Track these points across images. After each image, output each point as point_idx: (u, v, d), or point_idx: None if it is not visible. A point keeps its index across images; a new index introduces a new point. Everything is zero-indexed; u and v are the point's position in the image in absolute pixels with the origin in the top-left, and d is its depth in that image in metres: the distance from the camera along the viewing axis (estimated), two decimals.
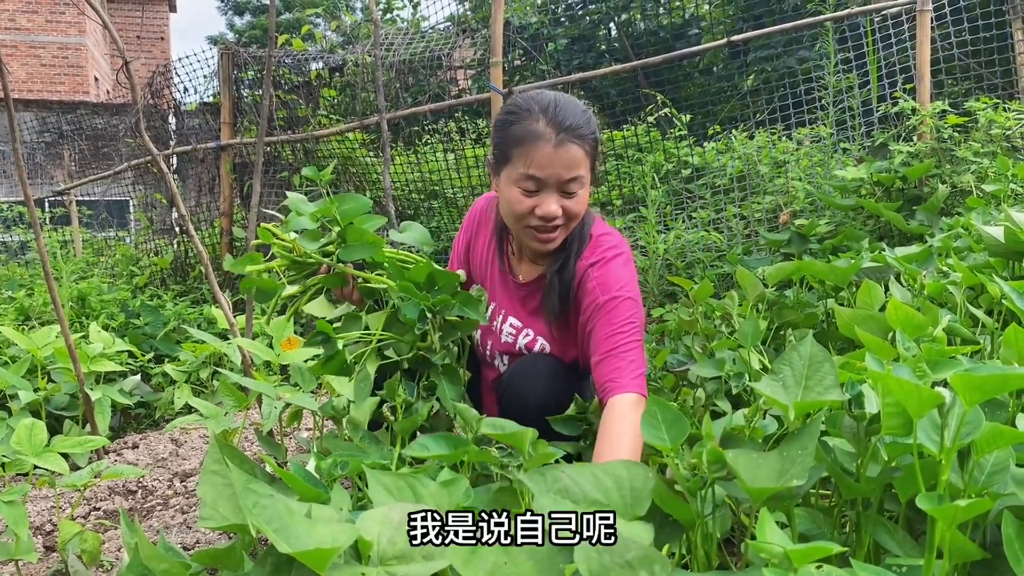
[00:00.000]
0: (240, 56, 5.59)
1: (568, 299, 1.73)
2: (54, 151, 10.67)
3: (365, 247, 1.58)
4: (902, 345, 1.30)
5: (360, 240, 1.58)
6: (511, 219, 1.69)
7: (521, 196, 1.62)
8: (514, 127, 1.63)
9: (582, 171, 1.62)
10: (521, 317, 1.83)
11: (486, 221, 1.92)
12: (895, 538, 1.05)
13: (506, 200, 1.66)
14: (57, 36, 18.93)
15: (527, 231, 1.67)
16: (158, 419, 3.53)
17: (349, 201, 1.60)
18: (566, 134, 1.58)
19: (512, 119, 1.64)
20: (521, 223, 1.66)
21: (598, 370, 1.58)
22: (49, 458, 1.79)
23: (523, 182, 1.61)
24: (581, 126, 1.61)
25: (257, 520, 0.92)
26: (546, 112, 1.60)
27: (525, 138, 1.60)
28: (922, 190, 3.30)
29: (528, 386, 1.67)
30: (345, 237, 1.59)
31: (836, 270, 2.17)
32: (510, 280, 1.86)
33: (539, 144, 1.58)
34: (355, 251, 1.58)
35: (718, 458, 0.97)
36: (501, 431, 1.28)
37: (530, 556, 0.90)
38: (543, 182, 1.60)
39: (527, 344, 1.81)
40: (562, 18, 7.90)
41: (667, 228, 4.10)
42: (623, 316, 1.64)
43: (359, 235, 1.58)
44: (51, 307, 4.59)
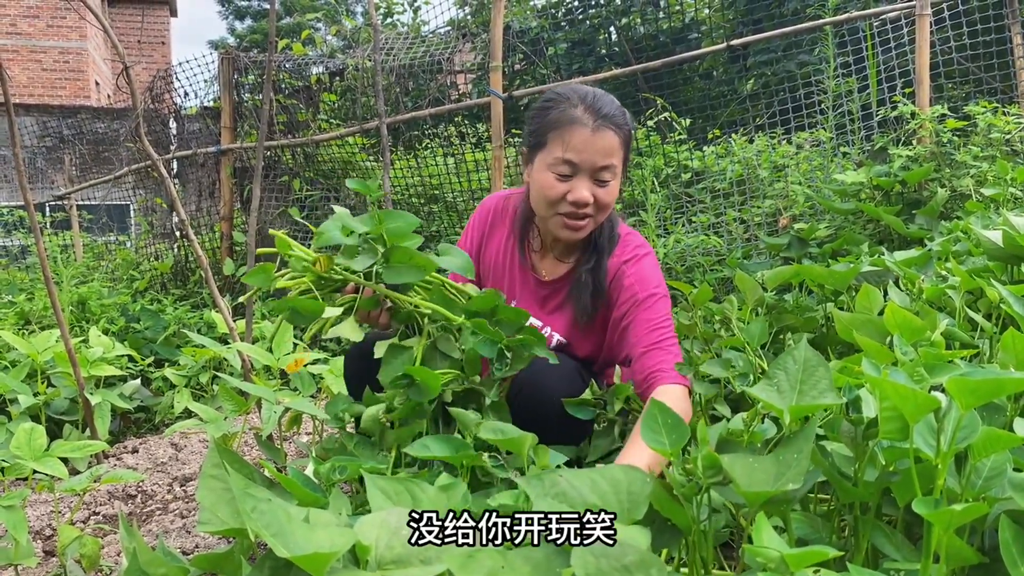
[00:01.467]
0: (241, 60, 5.60)
1: (600, 296, 1.75)
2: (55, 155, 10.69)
3: (413, 270, 1.46)
4: (900, 349, 1.30)
5: (407, 262, 1.45)
6: (542, 205, 1.70)
7: (555, 181, 1.64)
8: (552, 112, 1.66)
9: (616, 160, 1.66)
10: (540, 315, 1.83)
11: (501, 219, 1.91)
12: (893, 542, 1.05)
13: (539, 185, 1.68)
14: (58, 41, 18.97)
15: (557, 218, 1.69)
16: (158, 423, 3.53)
17: (396, 219, 1.47)
18: (604, 120, 1.62)
19: (550, 105, 1.67)
20: (553, 209, 1.67)
21: (642, 361, 1.62)
22: (49, 462, 1.80)
23: (558, 166, 1.63)
24: (617, 115, 1.65)
25: (255, 525, 0.92)
26: (584, 100, 1.64)
27: (562, 122, 1.63)
28: (921, 194, 3.31)
29: (548, 384, 1.64)
30: (390, 257, 1.46)
31: (835, 274, 2.17)
32: (531, 278, 1.85)
33: (576, 128, 1.61)
34: (401, 273, 1.46)
35: (713, 463, 0.97)
36: (501, 436, 1.28)
37: (527, 560, 0.90)
38: (578, 167, 1.63)
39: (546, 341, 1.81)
40: (562, 22, 7.91)
41: (667, 232, 4.10)
42: (663, 312, 1.72)
43: (407, 256, 1.45)
44: (51, 311, 4.59)
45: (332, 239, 1.47)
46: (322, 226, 1.48)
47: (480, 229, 1.94)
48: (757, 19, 6.46)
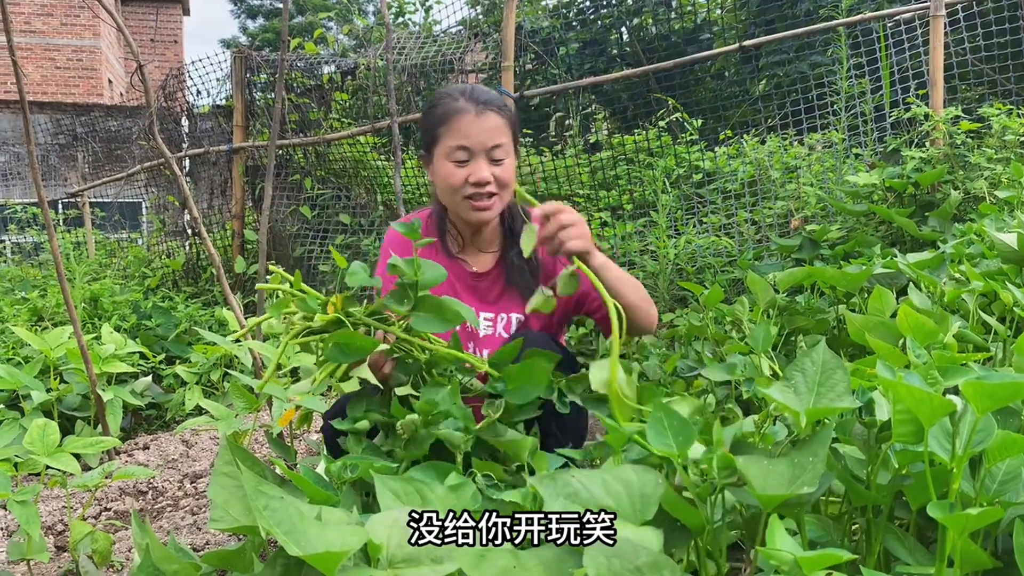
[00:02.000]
0: (253, 59, 5.62)
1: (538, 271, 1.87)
2: (68, 153, 10.75)
3: (441, 321, 1.42)
4: (913, 352, 1.30)
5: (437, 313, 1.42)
6: (448, 194, 1.82)
7: (454, 168, 1.78)
8: (437, 110, 1.82)
9: (504, 139, 1.80)
10: (488, 307, 1.91)
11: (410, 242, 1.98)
12: (905, 546, 1.05)
13: (441, 177, 1.81)
14: (72, 39, 19.06)
15: (465, 203, 1.80)
16: (169, 420, 3.55)
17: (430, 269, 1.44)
18: (484, 105, 1.79)
19: (435, 105, 1.84)
20: (458, 195, 1.80)
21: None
22: (61, 458, 1.81)
23: (454, 153, 1.78)
24: (496, 100, 1.82)
25: (267, 522, 0.93)
26: (464, 92, 1.82)
27: (449, 114, 1.79)
28: (934, 196, 3.29)
29: None
30: (419, 305, 1.43)
31: (848, 276, 2.16)
32: (466, 274, 1.92)
33: (462, 115, 1.78)
34: (428, 323, 1.42)
35: (728, 464, 0.97)
36: (501, 438, 1.28)
37: (539, 560, 0.90)
38: (471, 150, 1.77)
39: (504, 326, 1.90)
40: (574, 22, 7.90)
41: (678, 233, 4.09)
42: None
43: (437, 308, 1.43)
44: (64, 308, 4.62)
45: (362, 280, 1.44)
46: (352, 266, 1.46)
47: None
48: (770, 20, 6.43)
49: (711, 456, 1.01)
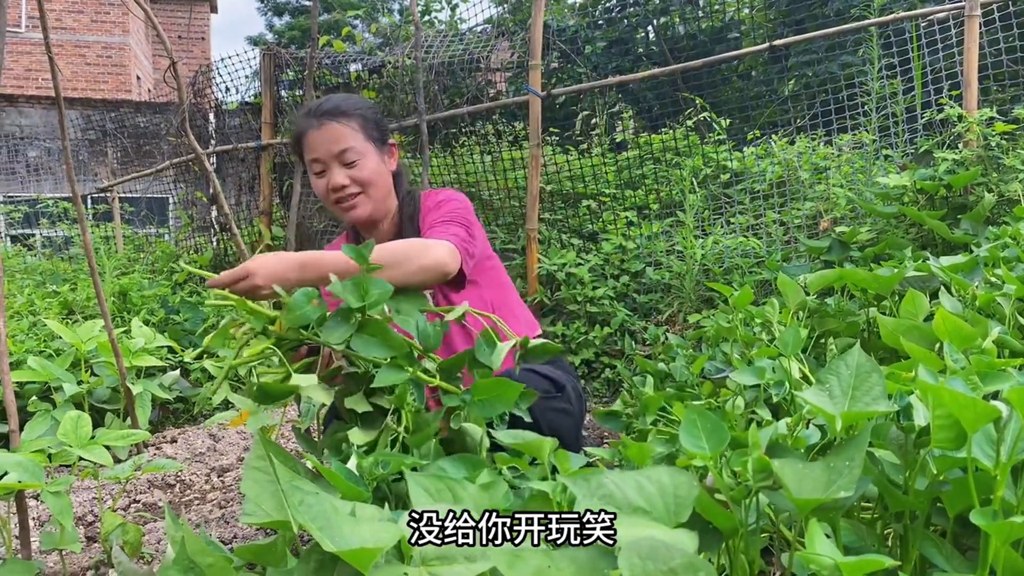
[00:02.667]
0: (282, 57, 5.65)
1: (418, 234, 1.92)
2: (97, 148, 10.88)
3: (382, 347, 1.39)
4: (950, 357, 1.28)
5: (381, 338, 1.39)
6: (325, 204, 1.95)
7: (317, 179, 1.92)
8: (295, 132, 1.95)
9: (351, 142, 1.89)
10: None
11: None
12: (943, 552, 1.03)
13: (315, 190, 1.95)
14: (102, 36, 19.31)
15: (337, 208, 1.93)
16: (196, 414, 3.58)
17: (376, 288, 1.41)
18: (324, 117, 1.88)
19: (293, 128, 1.98)
20: (328, 203, 1.94)
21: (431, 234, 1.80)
22: (94, 450, 1.83)
23: (312, 166, 1.91)
24: (340, 106, 1.91)
25: (303, 518, 0.93)
26: (310, 108, 1.93)
27: (301, 133, 1.92)
28: (967, 198, 3.24)
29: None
30: (363, 327, 1.41)
31: (880, 279, 2.14)
32: None
33: (308, 132, 1.90)
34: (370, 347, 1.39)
35: (764, 467, 0.96)
36: (520, 441, 1.28)
37: (572, 560, 0.90)
38: (322, 161, 1.89)
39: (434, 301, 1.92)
40: (600, 21, 7.88)
41: (705, 233, 4.07)
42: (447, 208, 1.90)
43: (381, 332, 1.40)
44: (93, 301, 4.68)
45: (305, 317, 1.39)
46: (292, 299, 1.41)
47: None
48: (799, 19, 6.38)
49: (746, 459, 1.01)
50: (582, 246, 4.36)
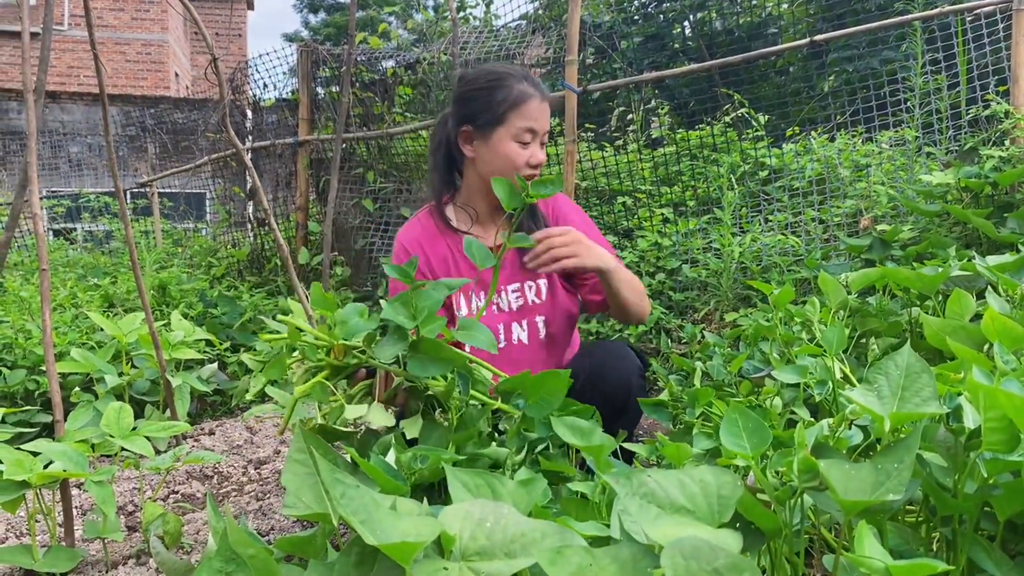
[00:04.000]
0: (318, 54, 5.69)
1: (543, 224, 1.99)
2: (137, 144, 11.06)
3: (439, 364, 1.38)
4: (1001, 357, 1.25)
5: (435, 354, 1.38)
6: (507, 173, 1.87)
7: (519, 149, 1.88)
8: (501, 91, 1.88)
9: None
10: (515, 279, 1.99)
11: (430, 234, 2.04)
12: (992, 558, 1.01)
13: (503, 155, 1.89)
14: (141, 33, 19.63)
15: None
16: (233, 407, 3.62)
17: (425, 298, 1.40)
18: (544, 93, 1.92)
19: (495, 85, 1.90)
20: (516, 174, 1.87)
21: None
22: (136, 441, 1.86)
23: (522, 135, 1.87)
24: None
25: (344, 511, 0.93)
26: (525, 77, 1.91)
27: (519, 98, 1.87)
28: (1014, 197, 3.17)
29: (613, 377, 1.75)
30: (418, 347, 1.39)
31: (924, 278, 2.10)
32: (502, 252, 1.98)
33: (531, 101, 1.88)
34: (427, 366, 1.38)
35: (810, 467, 0.94)
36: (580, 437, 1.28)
37: (614, 559, 0.89)
38: (536, 133, 1.89)
39: (535, 293, 1.98)
40: (636, 16, 7.83)
41: (742, 231, 4.03)
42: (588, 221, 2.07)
43: (435, 349, 1.38)
44: (134, 295, 4.76)
45: (355, 328, 1.39)
46: (341, 313, 1.41)
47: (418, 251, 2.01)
48: (839, 14, 6.28)
49: (790, 459, 0.99)
50: (617, 243, 4.33)
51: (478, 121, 1.90)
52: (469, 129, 1.93)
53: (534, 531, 0.96)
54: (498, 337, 1.96)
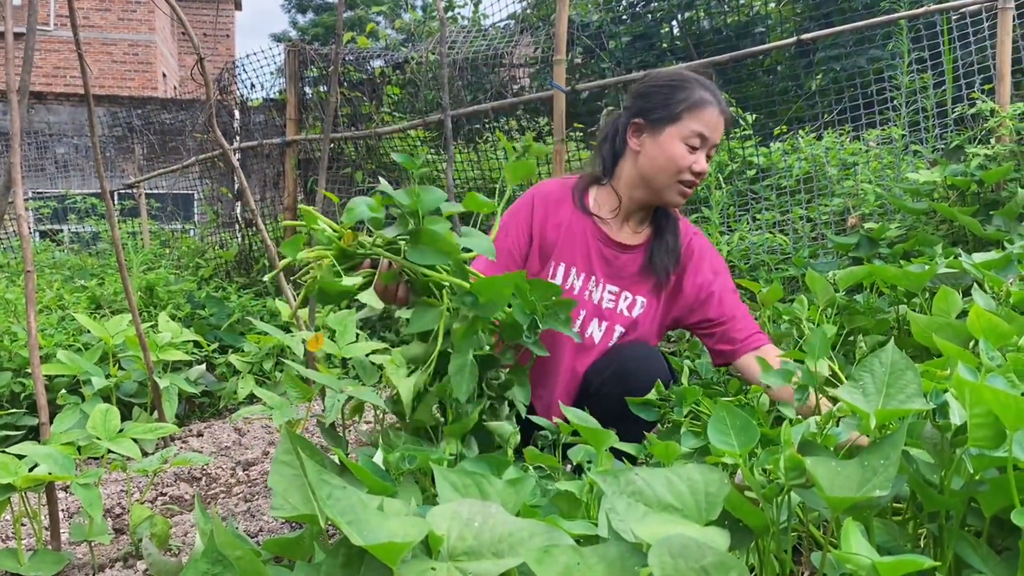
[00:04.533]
0: (306, 53, 5.68)
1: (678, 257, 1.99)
2: (124, 145, 10.99)
3: (438, 253, 1.46)
4: (986, 354, 1.26)
5: (433, 245, 1.46)
6: (667, 173, 1.89)
7: (686, 152, 1.87)
8: (682, 92, 1.88)
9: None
10: (617, 282, 1.98)
11: (562, 199, 2.03)
12: (979, 553, 1.01)
13: (668, 155, 1.88)
14: (128, 34, 19.51)
15: (677, 186, 1.90)
16: (221, 409, 3.61)
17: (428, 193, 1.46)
18: (723, 107, 1.91)
19: (678, 86, 1.90)
20: (676, 176, 1.89)
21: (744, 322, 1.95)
22: (123, 443, 1.85)
23: (692, 139, 1.86)
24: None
25: (331, 512, 0.93)
26: (707, 87, 1.90)
27: (698, 103, 1.87)
28: (999, 195, 3.19)
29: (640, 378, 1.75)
30: (418, 238, 1.47)
31: (910, 275, 2.11)
32: (602, 236, 1.99)
33: (709, 108, 1.87)
34: (425, 255, 1.46)
35: (797, 464, 0.95)
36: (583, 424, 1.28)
37: (602, 558, 0.89)
38: (707, 141, 1.88)
39: (627, 306, 1.97)
40: (624, 16, 7.84)
41: (730, 229, 4.04)
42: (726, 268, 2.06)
43: (433, 240, 1.46)
44: (121, 296, 4.73)
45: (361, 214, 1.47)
46: (352, 201, 1.49)
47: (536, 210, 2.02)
48: (827, 13, 6.30)
49: (777, 456, 0.99)
50: None
51: (652, 115, 1.91)
52: (641, 122, 1.93)
53: (522, 530, 0.96)
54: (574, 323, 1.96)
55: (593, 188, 2.05)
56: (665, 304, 2.02)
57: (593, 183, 2.05)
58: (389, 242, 1.51)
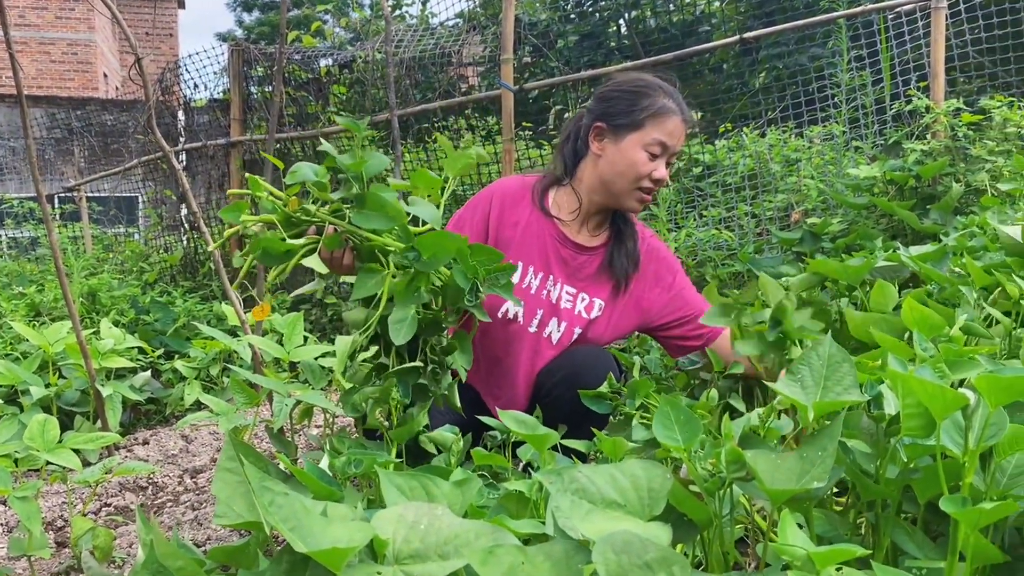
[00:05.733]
0: (250, 53, 5.59)
1: (636, 262, 2.00)
2: (64, 147, 10.71)
3: (383, 218, 1.45)
4: (919, 346, 1.29)
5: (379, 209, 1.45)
6: (627, 179, 1.90)
7: (647, 159, 1.88)
8: (647, 99, 1.89)
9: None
10: (575, 283, 1.99)
11: (521, 197, 2.04)
12: (914, 540, 1.04)
13: (629, 161, 1.89)
14: (67, 33, 19.00)
15: (636, 193, 1.91)
16: (168, 416, 3.54)
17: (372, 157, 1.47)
18: (685, 117, 1.92)
19: (643, 92, 1.90)
20: (636, 183, 1.90)
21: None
22: (62, 454, 1.80)
23: (652, 147, 1.87)
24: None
25: (273, 518, 0.92)
26: (671, 95, 1.91)
27: (661, 110, 1.88)
28: (936, 189, 3.28)
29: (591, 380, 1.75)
30: (363, 203, 1.46)
31: (850, 269, 2.15)
32: (561, 238, 2.00)
33: (672, 117, 1.88)
34: (370, 219, 1.46)
35: (737, 458, 0.96)
36: (525, 428, 1.28)
37: (547, 556, 0.90)
38: (668, 149, 1.89)
39: (585, 307, 1.98)
40: (572, 15, 7.88)
41: (678, 226, 4.09)
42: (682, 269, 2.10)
43: (379, 204, 1.45)
44: (61, 303, 4.61)
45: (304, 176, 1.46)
46: (296, 165, 1.49)
47: (494, 207, 2.03)
48: (769, 12, 6.42)
49: (719, 450, 1.01)
50: None
51: (615, 120, 1.91)
52: (603, 126, 1.93)
53: (468, 532, 0.96)
54: (531, 320, 1.97)
55: (553, 188, 2.06)
56: (625, 308, 2.03)
57: (554, 183, 2.06)
58: (335, 209, 1.51)
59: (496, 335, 1.97)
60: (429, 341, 1.54)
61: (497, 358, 2.00)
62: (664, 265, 2.05)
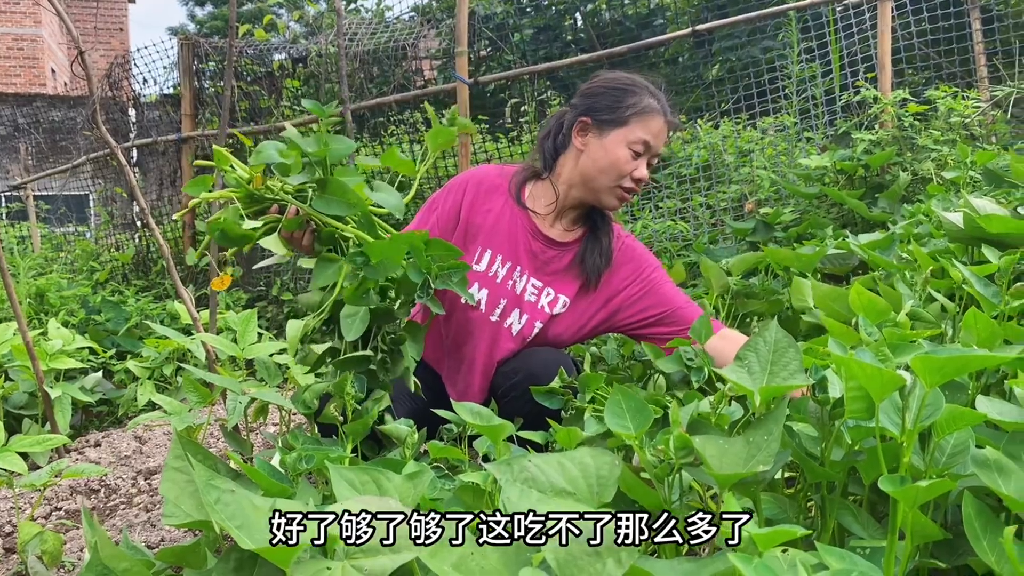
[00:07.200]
0: (201, 47, 5.50)
1: (609, 259, 1.98)
2: (9, 144, 10.44)
3: (344, 204, 1.45)
4: (865, 330, 1.31)
5: (340, 196, 1.45)
6: (608, 176, 1.89)
7: (630, 157, 1.87)
8: (632, 97, 1.89)
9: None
10: (542, 277, 1.98)
11: (497, 186, 2.03)
12: (859, 520, 1.06)
13: (611, 158, 1.88)
14: (12, 27, 18.50)
15: (616, 190, 1.90)
16: (121, 417, 3.47)
17: (336, 142, 1.46)
18: (669, 118, 1.93)
19: (629, 90, 1.90)
20: (617, 180, 1.89)
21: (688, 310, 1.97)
22: (7, 458, 1.76)
23: (636, 145, 1.87)
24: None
25: (219, 516, 0.91)
26: (656, 95, 1.92)
27: (646, 109, 1.88)
28: (884, 178, 3.34)
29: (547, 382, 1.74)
30: (325, 188, 1.46)
31: (802, 257, 2.19)
32: (533, 229, 1.98)
33: (656, 117, 1.88)
34: (331, 205, 1.45)
35: (685, 444, 0.97)
36: (480, 420, 1.28)
37: (496, 546, 0.90)
38: (651, 149, 1.89)
39: (549, 303, 1.96)
40: (528, 8, 7.87)
41: (634, 218, 4.11)
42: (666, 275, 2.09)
43: (341, 191, 1.45)
44: (7, 304, 4.49)
45: (269, 157, 1.44)
46: (261, 144, 1.47)
47: (466, 194, 2.02)
48: (722, 4, 6.47)
49: (668, 436, 1.02)
50: None
51: (600, 116, 1.90)
52: (588, 121, 1.92)
53: None
54: (493, 309, 1.96)
55: (531, 182, 2.04)
56: (590, 307, 2.01)
57: (532, 177, 2.05)
58: (299, 189, 1.49)
59: (458, 320, 1.97)
60: (383, 328, 1.53)
61: (458, 344, 1.99)
62: (640, 264, 2.03)
